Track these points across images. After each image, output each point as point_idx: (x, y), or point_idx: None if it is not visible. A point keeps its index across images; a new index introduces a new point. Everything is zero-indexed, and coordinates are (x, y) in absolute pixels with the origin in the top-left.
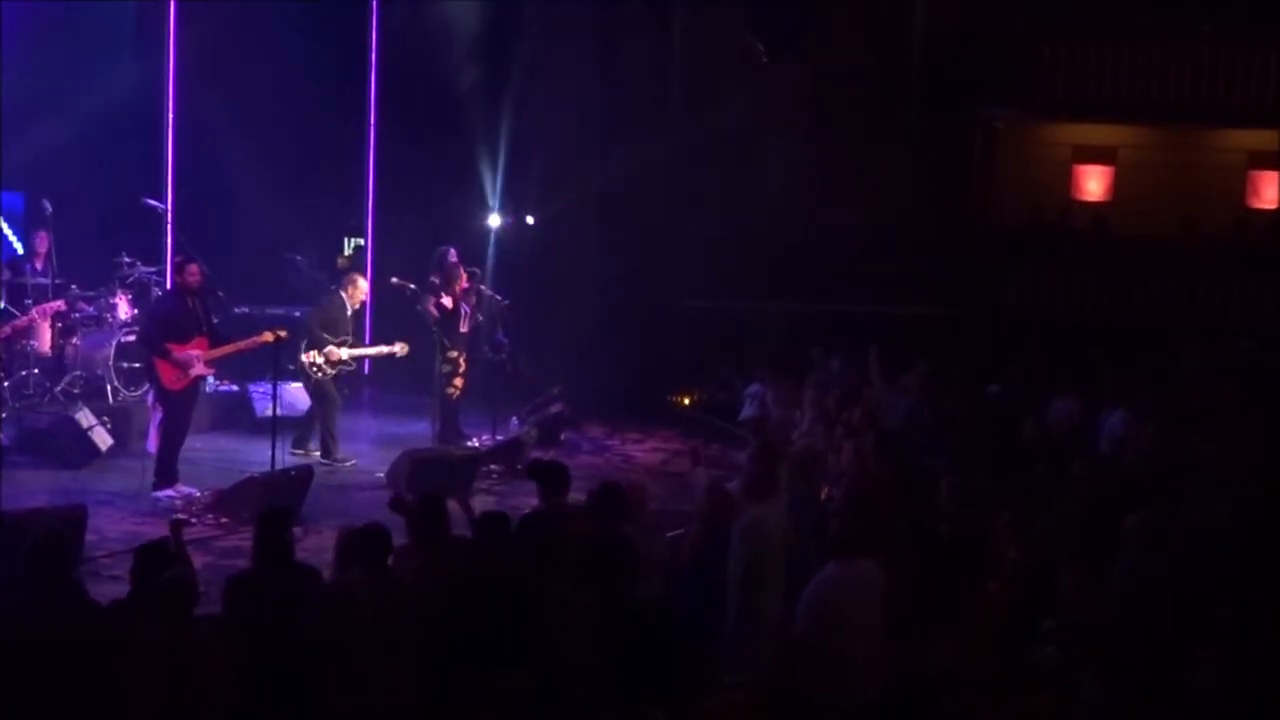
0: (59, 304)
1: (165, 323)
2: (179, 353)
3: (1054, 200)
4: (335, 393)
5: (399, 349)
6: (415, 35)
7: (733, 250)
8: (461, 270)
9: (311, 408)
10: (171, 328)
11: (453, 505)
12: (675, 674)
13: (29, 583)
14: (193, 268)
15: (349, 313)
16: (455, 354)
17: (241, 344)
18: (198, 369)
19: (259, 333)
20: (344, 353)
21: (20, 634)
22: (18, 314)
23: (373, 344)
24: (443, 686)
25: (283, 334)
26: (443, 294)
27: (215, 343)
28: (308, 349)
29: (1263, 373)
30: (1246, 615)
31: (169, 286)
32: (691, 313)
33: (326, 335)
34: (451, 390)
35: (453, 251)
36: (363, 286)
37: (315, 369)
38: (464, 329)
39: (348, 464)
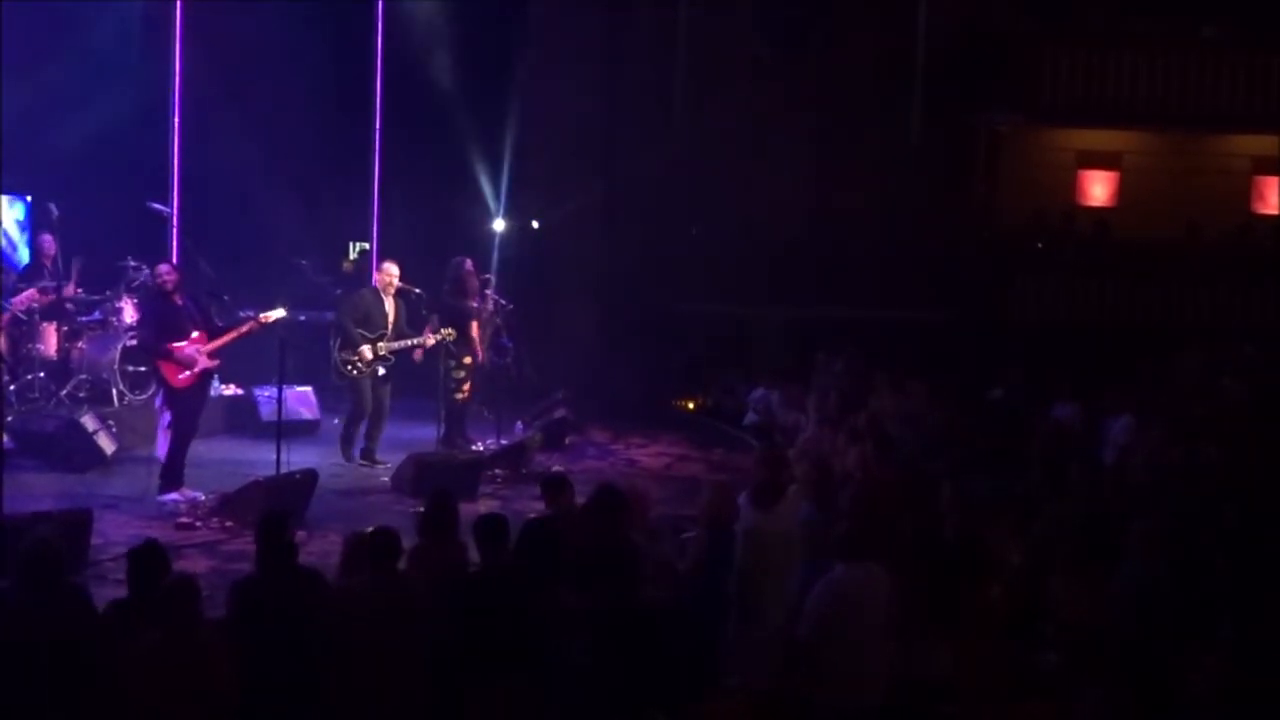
0: (31, 293)
1: (160, 324)
2: (181, 351)
3: (1058, 205)
4: (368, 396)
5: (445, 334)
6: (420, 41)
7: (736, 254)
8: (475, 278)
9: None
10: (167, 328)
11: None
12: (678, 677)
13: (22, 589)
14: (161, 268)
15: (386, 304)
16: (467, 360)
17: (242, 328)
18: (202, 362)
19: (255, 318)
20: (381, 347)
21: (16, 639)
22: (22, 317)
23: (408, 335)
24: (448, 689)
25: (280, 313)
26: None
27: (214, 334)
28: (342, 347)
29: (1267, 377)
30: (1247, 621)
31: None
32: (695, 317)
33: (363, 332)
34: (461, 395)
35: (468, 261)
36: (391, 271)
37: (351, 367)
38: (473, 335)
39: (360, 467)
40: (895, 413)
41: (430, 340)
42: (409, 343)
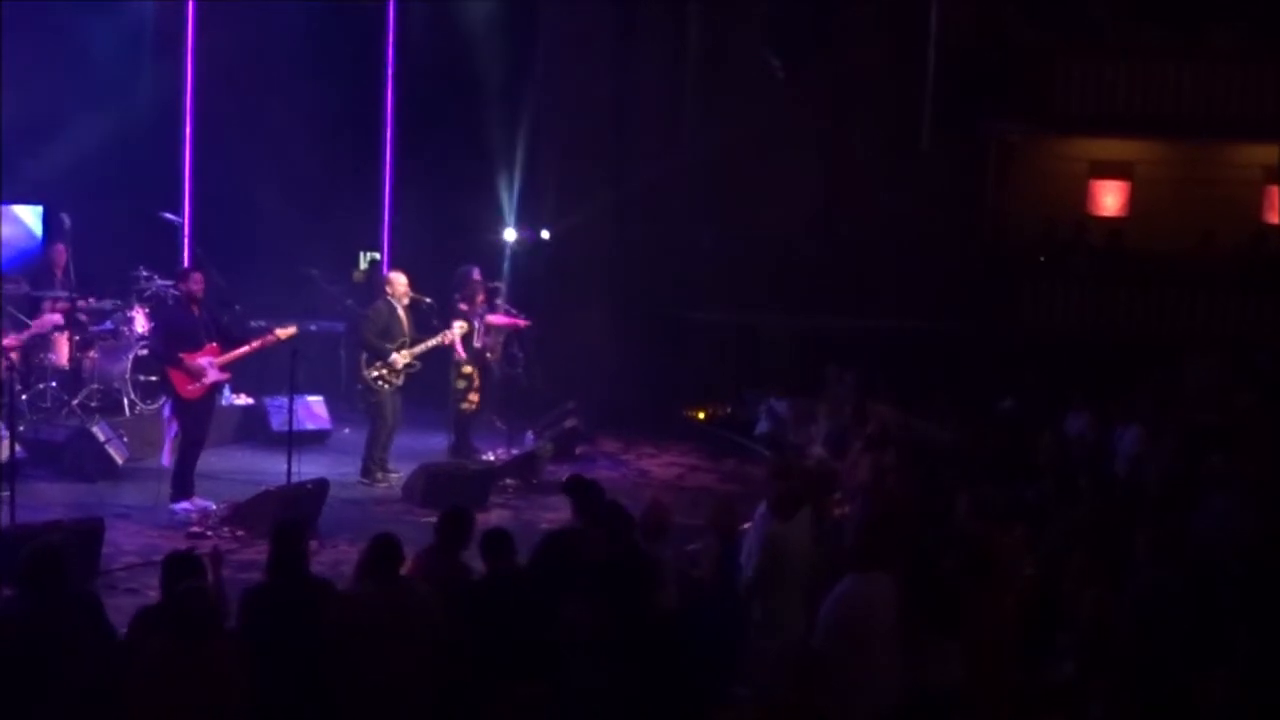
0: (56, 318)
1: (175, 333)
2: (192, 360)
3: (1069, 215)
4: (392, 411)
5: (461, 328)
6: (431, 51)
7: (747, 264)
8: (481, 286)
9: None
10: (182, 337)
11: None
12: (689, 688)
13: (27, 595)
14: (196, 276)
15: (400, 313)
16: (469, 369)
17: (254, 344)
18: (212, 375)
19: (269, 332)
20: (405, 355)
21: (21, 644)
22: (30, 323)
23: (424, 339)
24: (458, 699)
25: (292, 330)
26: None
27: (227, 347)
28: (370, 363)
29: (1278, 386)
30: (1261, 633)
31: (175, 297)
32: (706, 327)
33: (387, 344)
34: (467, 405)
35: (475, 270)
36: (400, 280)
37: (382, 381)
38: (477, 344)
39: (383, 485)
40: (905, 424)
41: (447, 338)
42: (428, 345)
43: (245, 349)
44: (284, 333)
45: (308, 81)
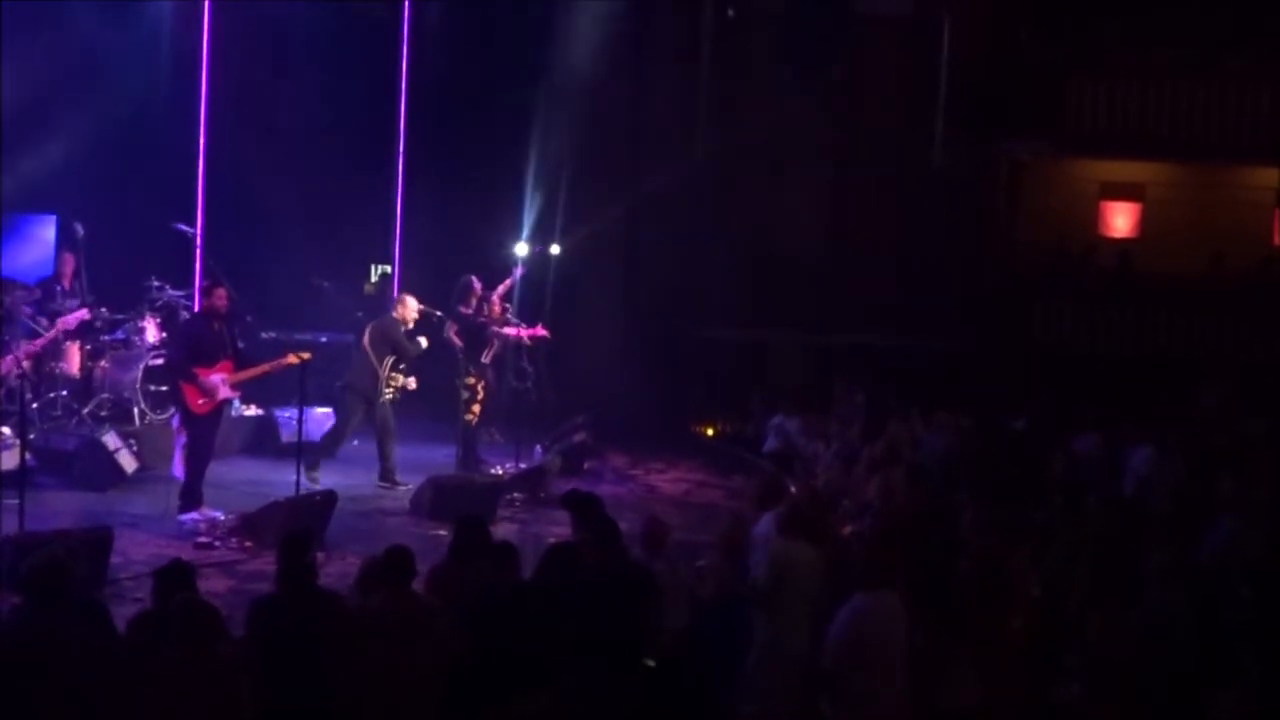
0: (82, 313)
1: (192, 347)
2: (205, 376)
3: (1080, 236)
4: (357, 422)
5: (410, 383)
6: (445, 64)
7: (757, 281)
8: (494, 296)
9: (333, 431)
10: (198, 351)
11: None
12: (693, 704)
13: (32, 606)
14: (221, 291)
15: (402, 333)
16: (473, 380)
17: (267, 366)
18: (224, 392)
19: (284, 355)
20: (399, 378)
21: (27, 656)
22: (42, 332)
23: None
24: (465, 710)
25: (306, 355)
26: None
27: (241, 365)
28: (393, 367)
29: None
30: (1269, 654)
31: (196, 310)
32: (715, 343)
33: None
34: (470, 417)
35: (476, 281)
36: (412, 304)
37: (393, 392)
38: (486, 358)
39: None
40: (914, 441)
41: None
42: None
43: (259, 370)
44: (298, 357)
45: (321, 93)
